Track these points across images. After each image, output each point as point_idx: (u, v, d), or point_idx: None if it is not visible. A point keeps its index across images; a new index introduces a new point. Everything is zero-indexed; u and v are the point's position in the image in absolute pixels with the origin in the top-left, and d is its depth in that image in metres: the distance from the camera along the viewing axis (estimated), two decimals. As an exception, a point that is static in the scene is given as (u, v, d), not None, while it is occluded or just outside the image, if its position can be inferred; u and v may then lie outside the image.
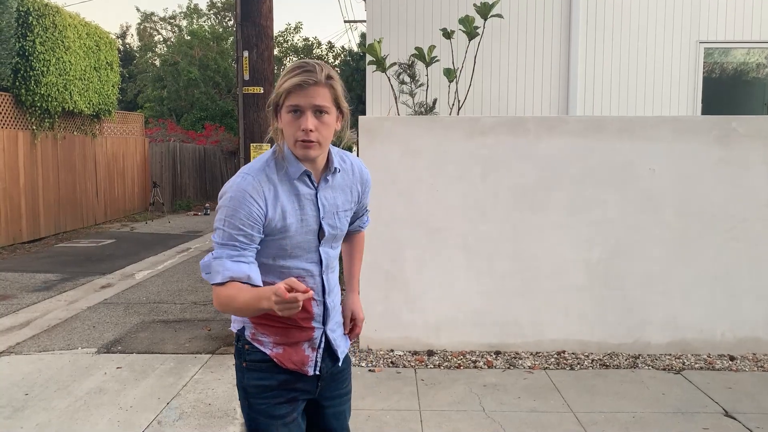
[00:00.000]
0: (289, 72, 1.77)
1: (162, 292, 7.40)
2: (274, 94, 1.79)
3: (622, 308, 4.91)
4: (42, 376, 4.59)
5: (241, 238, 1.76)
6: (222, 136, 23.12)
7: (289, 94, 1.75)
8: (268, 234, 1.81)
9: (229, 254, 1.76)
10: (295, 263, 1.87)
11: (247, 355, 1.92)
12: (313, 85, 1.74)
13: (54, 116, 11.96)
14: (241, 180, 1.79)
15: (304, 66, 1.77)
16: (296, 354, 1.92)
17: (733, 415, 3.85)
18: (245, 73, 5.08)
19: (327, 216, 1.89)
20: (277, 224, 1.80)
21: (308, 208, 1.85)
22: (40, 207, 11.71)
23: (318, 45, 31.35)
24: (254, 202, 1.76)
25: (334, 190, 1.92)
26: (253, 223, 1.76)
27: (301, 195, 1.84)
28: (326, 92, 1.76)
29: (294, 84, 1.73)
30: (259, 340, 1.91)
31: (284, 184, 1.82)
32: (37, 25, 10.96)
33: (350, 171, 1.98)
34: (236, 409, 4.02)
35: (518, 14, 7.71)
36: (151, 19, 37.02)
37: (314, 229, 1.87)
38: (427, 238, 4.91)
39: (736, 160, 4.83)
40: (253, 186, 1.77)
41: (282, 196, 1.81)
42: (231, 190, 1.78)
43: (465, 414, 3.87)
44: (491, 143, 4.88)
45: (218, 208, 1.80)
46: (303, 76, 1.74)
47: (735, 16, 7.71)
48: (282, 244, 1.83)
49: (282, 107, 1.79)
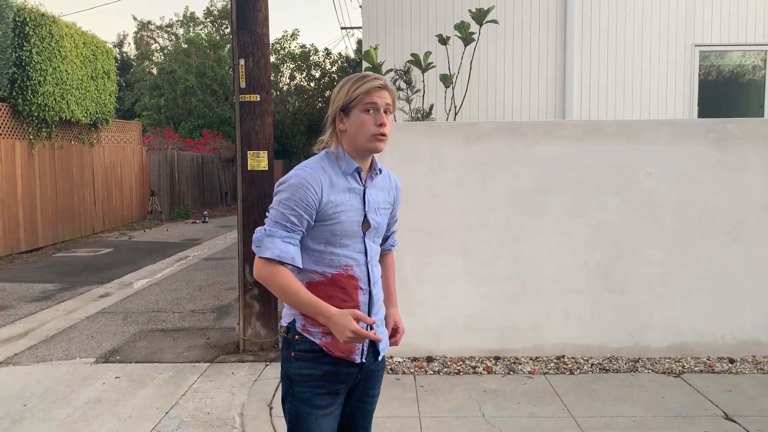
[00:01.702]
0: (359, 80, 2.03)
1: (160, 301, 7.38)
2: (343, 101, 2.02)
3: (621, 312, 4.90)
4: (40, 387, 4.57)
5: (294, 219, 1.98)
6: (220, 143, 23.12)
7: (368, 94, 2.00)
8: (322, 219, 2.01)
9: (281, 234, 1.98)
10: (344, 251, 2.06)
11: (296, 345, 2.08)
12: (384, 88, 2.04)
13: (51, 126, 11.95)
14: (300, 171, 2.02)
15: (371, 75, 2.05)
16: (344, 342, 2.04)
17: (734, 418, 3.84)
18: (241, 81, 5.08)
19: (370, 210, 2.11)
20: (330, 210, 2.01)
21: (356, 201, 2.07)
22: (37, 217, 11.69)
23: (315, 52, 31.40)
24: (311, 188, 1.98)
25: (377, 189, 2.16)
26: (306, 206, 1.98)
27: (352, 189, 2.07)
28: (391, 96, 2.06)
29: (374, 86, 2.01)
30: (309, 330, 2.06)
31: (339, 177, 2.05)
32: (34, 35, 10.97)
33: (387, 176, 2.24)
34: (235, 418, 4.00)
35: (513, 20, 7.73)
36: (148, 27, 37.10)
37: (360, 220, 2.07)
38: (425, 244, 4.90)
39: (733, 163, 4.84)
40: (312, 175, 2.00)
41: (337, 185, 2.04)
42: (291, 177, 2.01)
43: (465, 420, 3.85)
44: (489, 148, 4.88)
45: (277, 192, 2.02)
46: (377, 81, 2.03)
47: (730, 19, 7.74)
48: (333, 230, 2.03)
49: (354, 108, 2.02)
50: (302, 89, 30.82)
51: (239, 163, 5.22)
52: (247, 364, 5.00)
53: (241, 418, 4.00)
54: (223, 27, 34.80)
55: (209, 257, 10.82)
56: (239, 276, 5.29)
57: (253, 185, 5.17)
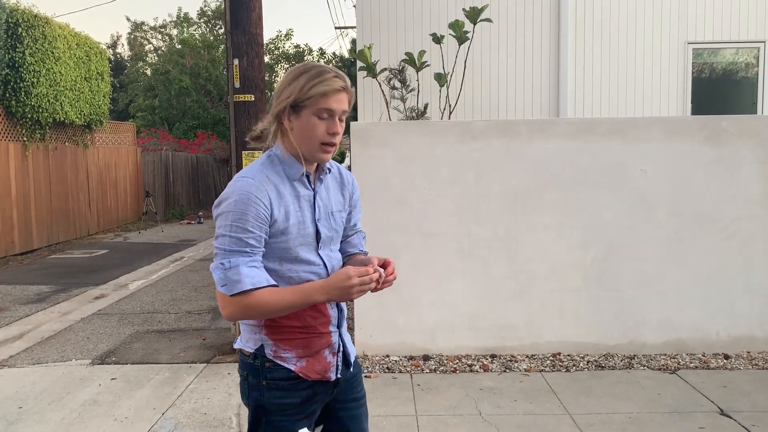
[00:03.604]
0: (318, 75, 1.76)
1: (156, 302, 7.37)
2: (294, 97, 1.77)
3: (617, 309, 4.92)
4: (36, 389, 4.56)
5: (252, 241, 1.73)
6: (214, 144, 23.07)
7: (325, 96, 1.75)
8: (271, 236, 1.78)
9: (243, 261, 1.72)
10: (301, 267, 1.84)
11: (268, 374, 1.87)
12: (344, 90, 1.79)
13: (45, 127, 11.91)
14: (242, 183, 1.75)
15: (332, 71, 1.78)
16: (319, 363, 1.90)
17: (729, 414, 3.85)
18: (236, 81, 5.07)
19: (323, 218, 1.89)
20: (280, 225, 1.77)
21: (306, 210, 1.85)
22: (32, 218, 11.65)
23: (309, 51, 31.39)
24: (260, 202, 1.73)
25: (328, 191, 1.93)
26: (261, 224, 1.73)
27: (300, 196, 1.84)
28: (350, 99, 1.82)
29: (334, 88, 1.75)
30: (282, 357, 1.86)
31: (285, 185, 1.81)
32: (27, 37, 10.94)
33: (337, 174, 2.01)
34: (232, 418, 4.00)
35: (507, 18, 7.74)
36: (142, 28, 36.98)
37: (311, 231, 1.85)
38: (421, 243, 4.91)
39: (727, 160, 4.86)
40: (256, 187, 1.74)
41: (284, 195, 1.80)
42: (234, 194, 1.73)
43: (462, 418, 3.86)
44: (483, 147, 4.89)
45: (220, 215, 1.74)
46: (338, 81, 1.77)
47: (723, 16, 7.77)
48: (284, 246, 1.80)
49: (306, 109, 1.77)
50: (297, 89, 30.77)
51: (234, 164, 5.21)
52: (243, 364, 4.99)
53: (238, 418, 3.99)
54: (217, 27, 34.72)
55: (205, 258, 10.80)
56: (235, 276, 5.28)
57: (248, 185, 5.16)
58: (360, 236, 2.13)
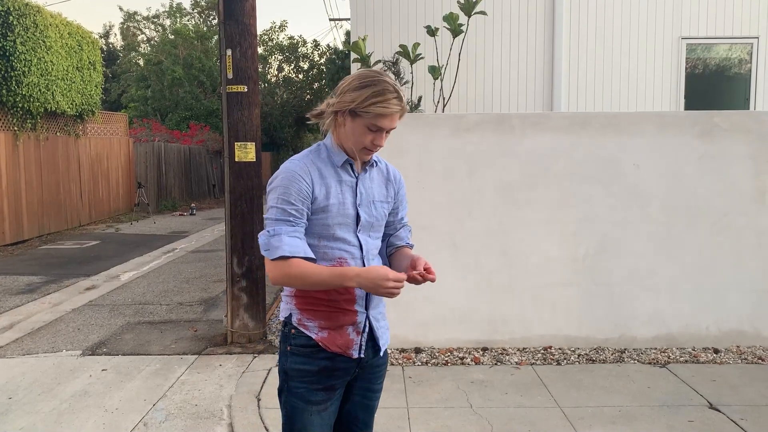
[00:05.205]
0: (380, 94, 1.92)
1: (147, 293, 7.34)
2: (355, 105, 1.93)
3: (608, 303, 4.94)
4: (26, 380, 4.54)
5: (295, 212, 1.95)
6: (207, 135, 22.98)
7: (380, 117, 1.94)
8: (313, 212, 1.98)
9: (286, 230, 1.94)
10: (338, 245, 2.02)
11: (293, 340, 2.05)
12: (400, 113, 1.98)
13: (36, 117, 11.82)
14: (290, 164, 2.00)
15: (394, 92, 1.94)
16: (341, 337, 2.04)
17: (718, 408, 3.88)
18: (229, 72, 5.04)
19: (363, 204, 2.07)
20: (321, 202, 1.98)
21: (348, 194, 2.04)
22: (23, 209, 11.57)
23: (303, 43, 31.24)
24: (303, 180, 1.95)
25: (372, 181, 2.12)
26: (303, 198, 1.95)
27: (343, 181, 2.04)
28: (401, 116, 2.00)
29: (391, 112, 1.93)
30: (305, 325, 2.04)
31: (329, 169, 2.03)
32: (18, 25, 10.83)
33: (384, 170, 2.20)
34: (223, 409, 4.00)
35: (502, 11, 7.72)
36: (135, 18, 36.74)
37: (352, 213, 2.03)
38: (414, 236, 4.89)
39: (719, 155, 4.88)
40: (300, 167, 1.98)
41: (327, 177, 2.01)
42: (281, 173, 1.98)
43: (453, 411, 3.87)
44: (476, 140, 4.88)
45: (270, 191, 1.98)
46: (397, 106, 1.94)
47: (716, 12, 7.78)
48: (324, 223, 1.99)
49: (360, 118, 1.95)
50: (290, 81, 30.69)
51: (226, 155, 5.19)
52: (234, 356, 4.99)
53: (229, 410, 3.99)
54: (210, 18, 34.52)
55: (197, 250, 10.77)
56: (227, 268, 5.27)
57: (241, 177, 5.15)
58: (407, 230, 2.38)
